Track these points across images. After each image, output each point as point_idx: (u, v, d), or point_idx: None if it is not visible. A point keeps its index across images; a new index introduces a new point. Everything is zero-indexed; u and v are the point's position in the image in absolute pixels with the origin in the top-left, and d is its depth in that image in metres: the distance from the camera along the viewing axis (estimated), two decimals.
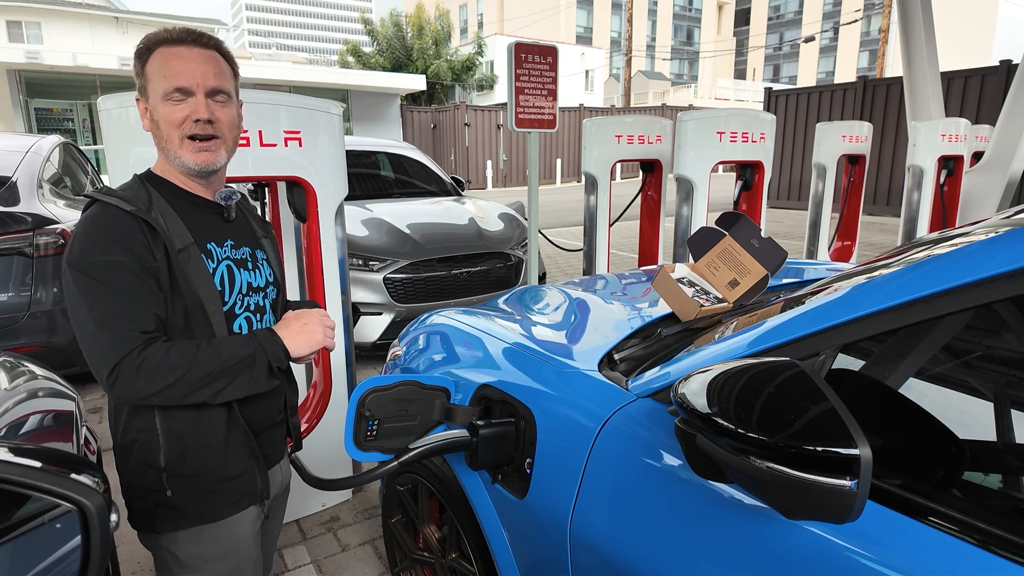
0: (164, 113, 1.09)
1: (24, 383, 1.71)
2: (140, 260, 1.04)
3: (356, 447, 1.23)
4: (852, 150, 5.34)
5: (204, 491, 1.15)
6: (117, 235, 1.03)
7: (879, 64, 22.33)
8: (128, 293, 1.01)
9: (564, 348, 1.54)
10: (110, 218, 1.04)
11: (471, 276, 4.30)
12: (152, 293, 1.05)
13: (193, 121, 1.09)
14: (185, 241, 1.10)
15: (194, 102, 1.09)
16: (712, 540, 0.95)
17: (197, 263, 1.10)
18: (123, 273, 1.01)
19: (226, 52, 1.16)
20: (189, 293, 1.09)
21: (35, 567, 0.73)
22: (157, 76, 1.09)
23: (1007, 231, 0.85)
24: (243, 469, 1.19)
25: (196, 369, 1.03)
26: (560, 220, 11.35)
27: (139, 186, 1.13)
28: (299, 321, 1.16)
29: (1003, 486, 0.92)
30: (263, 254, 1.29)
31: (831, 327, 0.94)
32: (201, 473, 1.14)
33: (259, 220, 1.36)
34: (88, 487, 0.75)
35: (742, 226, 1.61)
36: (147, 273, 1.04)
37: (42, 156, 3.53)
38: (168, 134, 1.10)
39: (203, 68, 1.10)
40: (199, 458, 1.14)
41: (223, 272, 1.16)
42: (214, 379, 1.05)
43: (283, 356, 1.12)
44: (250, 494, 1.21)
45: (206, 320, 1.11)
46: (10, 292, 3.00)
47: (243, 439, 1.18)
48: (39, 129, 15.89)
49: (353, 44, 28.13)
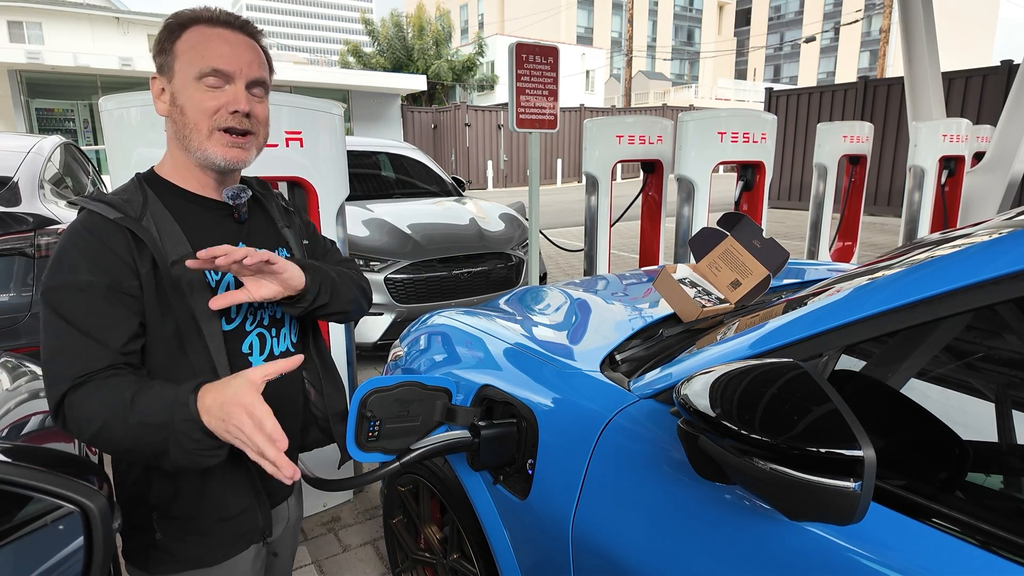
0: (195, 98, 0.95)
1: (26, 383, 1.71)
2: (113, 280, 0.90)
3: (357, 448, 1.23)
4: (853, 150, 5.33)
5: (198, 533, 1.03)
6: (90, 250, 0.91)
7: (880, 64, 22.32)
8: (80, 326, 0.88)
9: (565, 349, 1.54)
10: (88, 229, 0.92)
11: (472, 276, 4.30)
12: (122, 319, 0.91)
13: (229, 112, 0.96)
14: (181, 251, 0.96)
15: (233, 91, 0.96)
16: (714, 541, 0.95)
17: (195, 275, 0.97)
18: (83, 297, 0.89)
19: (265, 46, 1.05)
20: (182, 310, 0.95)
21: (37, 568, 0.73)
22: (192, 54, 0.95)
23: (1009, 232, 0.85)
24: (242, 507, 1.06)
25: (112, 425, 0.85)
26: (561, 220, 11.35)
27: (135, 188, 0.99)
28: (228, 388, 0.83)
29: (1006, 487, 0.92)
30: (286, 252, 1.13)
31: (834, 328, 0.94)
32: (194, 515, 1.02)
33: (280, 208, 1.19)
34: (90, 488, 0.74)
35: (744, 226, 1.61)
36: (119, 295, 0.91)
37: (43, 156, 3.52)
38: (196, 122, 0.96)
39: (248, 55, 0.98)
40: (191, 499, 1.01)
41: (229, 283, 1.01)
42: (132, 443, 0.85)
43: (199, 436, 0.83)
44: (250, 533, 1.08)
45: (202, 342, 0.97)
46: (11, 292, 3.00)
47: (244, 476, 1.04)
48: (40, 129, 15.89)
49: (354, 44, 28.16)
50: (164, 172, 1.03)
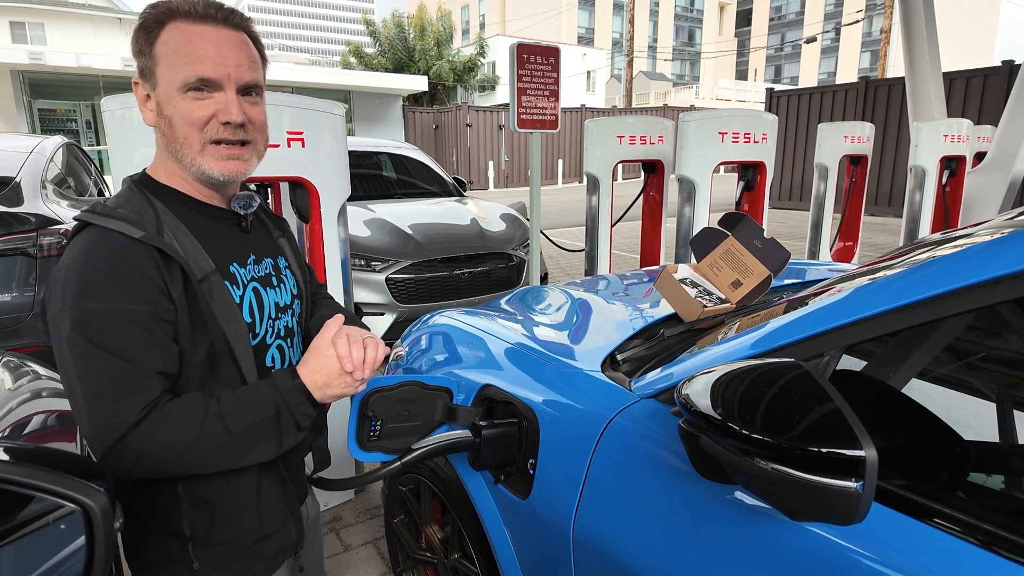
0: (182, 109, 0.86)
1: (28, 383, 1.71)
2: (151, 306, 0.82)
3: (359, 447, 1.23)
4: (854, 151, 5.33)
5: (237, 557, 0.97)
6: (122, 276, 0.80)
7: (881, 64, 22.31)
8: (129, 356, 0.80)
9: (566, 349, 1.54)
10: (113, 252, 0.81)
11: (473, 276, 4.30)
12: (162, 348, 0.83)
13: (221, 123, 0.87)
14: (206, 268, 0.88)
15: (222, 99, 0.86)
16: (715, 541, 0.95)
17: (221, 294, 0.89)
18: (126, 328, 0.80)
19: (256, 35, 0.93)
20: (215, 332, 0.88)
21: (39, 568, 0.73)
22: (173, 59, 0.84)
23: (1010, 232, 0.85)
24: (278, 523, 1.01)
25: (205, 441, 0.82)
26: (562, 221, 11.35)
27: (140, 198, 0.88)
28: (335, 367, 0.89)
29: (1008, 487, 0.92)
30: (284, 260, 1.09)
31: (835, 328, 0.94)
32: (234, 540, 0.96)
33: (273, 217, 1.14)
34: (92, 488, 0.74)
35: (744, 226, 1.61)
36: (159, 323, 0.83)
37: (46, 157, 3.53)
38: (186, 136, 0.87)
39: (236, 56, 0.87)
40: (230, 523, 0.95)
41: (251, 298, 0.95)
42: (231, 449, 0.84)
43: (311, 410, 0.89)
44: (285, 549, 1.04)
45: (234, 362, 0.91)
46: (14, 292, 3.00)
47: (278, 489, 1.00)
48: (42, 130, 15.92)
49: (355, 45, 28.20)
50: (161, 177, 0.93)
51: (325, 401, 0.91)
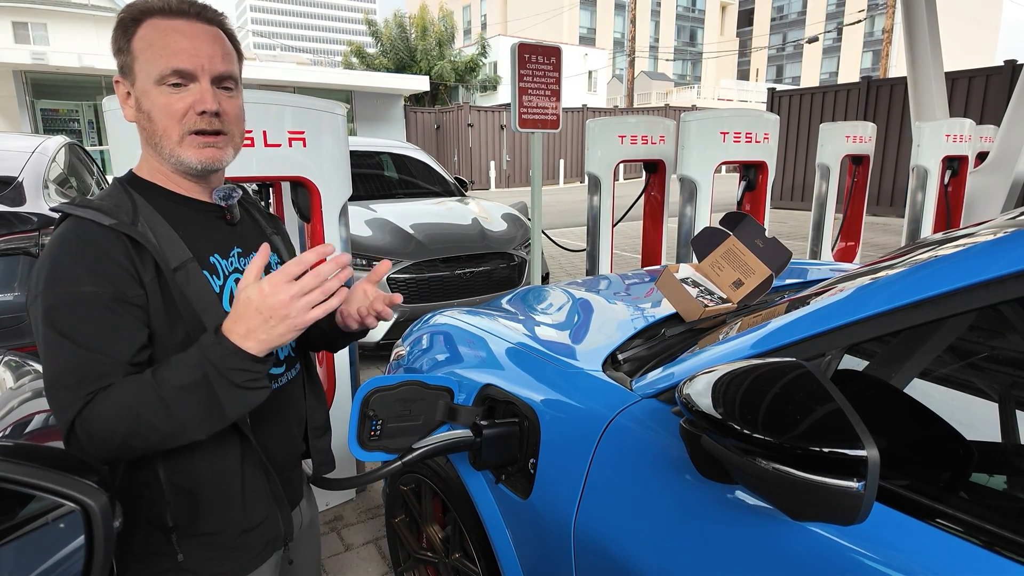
0: (160, 102, 0.89)
1: (29, 382, 1.71)
2: (117, 290, 0.84)
3: (360, 447, 1.23)
4: (856, 150, 5.32)
5: (224, 548, 0.97)
6: (88, 259, 0.83)
7: (883, 64, 22.27)
8: (89, 343, 0.82)
9: (568, 348, 1.54)
10: (82, 237, 0.85)
11: (474, 276, 4.31)
12: (128, 332, 0.85)
13: (197, 113, 0.90)
14: (181, 257, 0.90)
15: (198, 89, 0.89)
16: (716, 541, 0.95)
17: (199, 282, 0.91)
18: (91, 312, 0.82)
19: (230, 31, 0.96)
20: (191, 319, 0.89)
21: (38, 567, 0.73)
22: (149, 53, 0.88)
23: (1013, 231, 0.85)
24: (264, 515, 1.01)
25: (145, 413, 0.80)
26: (563, 220, 11.34)
27: (120, 192, 0.92)
28: (249, 307, 0.80)
29: (1010, 487, 0.91)
30: (276, 257, 1.11)
31: (837, 328, 0.94)
32: (219, 531, 0.96)
33: (266, 215, 1.17)
34: (92, 487, 0.74)
35: (746, 226, 1.60)
36: (126, 305, 0.85)
37: (48, 156, 3.54)
38: (165, 128, 0.90)
39: (209, 48, 0.90)
40: (214, 514, 0.96)
41: (231, 289, 0.97)
42: (172, 418, 0.81)
43: (243, 363, 0.80)
44: (274, 540, 1.04)
45: None
46: (16, 291, 3.01)
47: (263, 480, 1.00)
48: (45, 130, 15.96)
49: (357, 45, 28.23)
50: (144, 174, 0.97)
51: (265, 349, 0.81)
